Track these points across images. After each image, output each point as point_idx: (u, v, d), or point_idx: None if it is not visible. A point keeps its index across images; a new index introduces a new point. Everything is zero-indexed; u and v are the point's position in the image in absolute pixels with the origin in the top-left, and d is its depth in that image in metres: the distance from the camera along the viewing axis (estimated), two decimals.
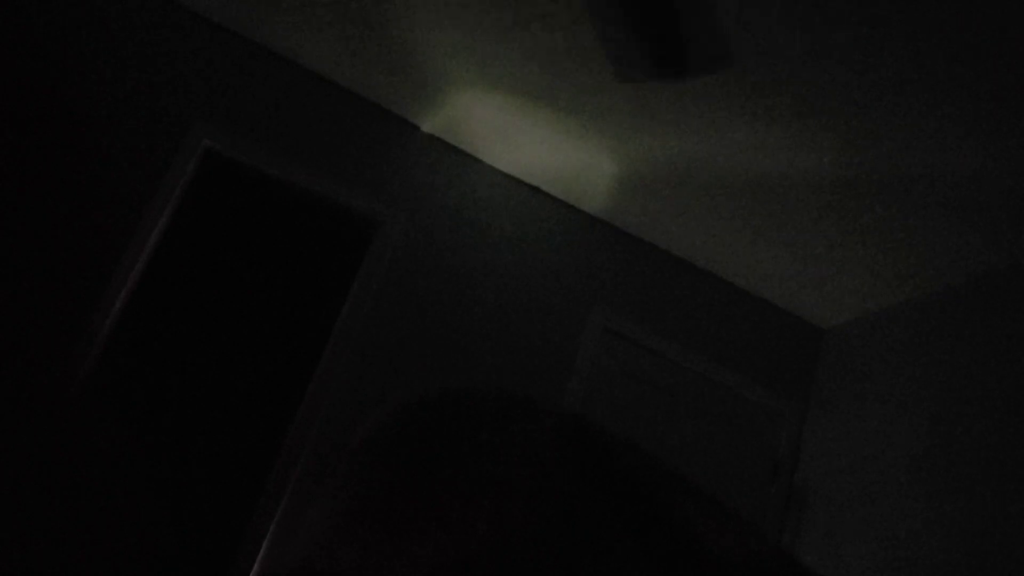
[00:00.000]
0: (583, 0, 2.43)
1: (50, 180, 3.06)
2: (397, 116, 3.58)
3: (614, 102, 2.96)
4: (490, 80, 3.11)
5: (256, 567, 2.98)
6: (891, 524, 2.94)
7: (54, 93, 3.14)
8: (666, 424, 3.61)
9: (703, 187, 3.26)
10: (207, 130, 3.29)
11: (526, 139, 3.40)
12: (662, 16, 2.11)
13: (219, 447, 4.62)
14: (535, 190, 3.71)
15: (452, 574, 0.24)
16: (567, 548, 0.24)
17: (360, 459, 0.31)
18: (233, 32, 3.43)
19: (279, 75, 3.46)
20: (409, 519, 0.26)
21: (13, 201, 3.01)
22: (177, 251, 4.75)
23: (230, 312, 4.81)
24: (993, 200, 2.70)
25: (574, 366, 3.55)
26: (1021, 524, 2.45)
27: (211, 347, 4.72)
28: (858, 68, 2.40)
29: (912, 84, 2.39)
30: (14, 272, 2.97)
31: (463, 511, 0.26)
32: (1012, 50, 2.16)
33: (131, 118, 3.22)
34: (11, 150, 3.03)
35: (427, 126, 3.59)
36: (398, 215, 3.47)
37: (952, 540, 2.66)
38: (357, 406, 3.24)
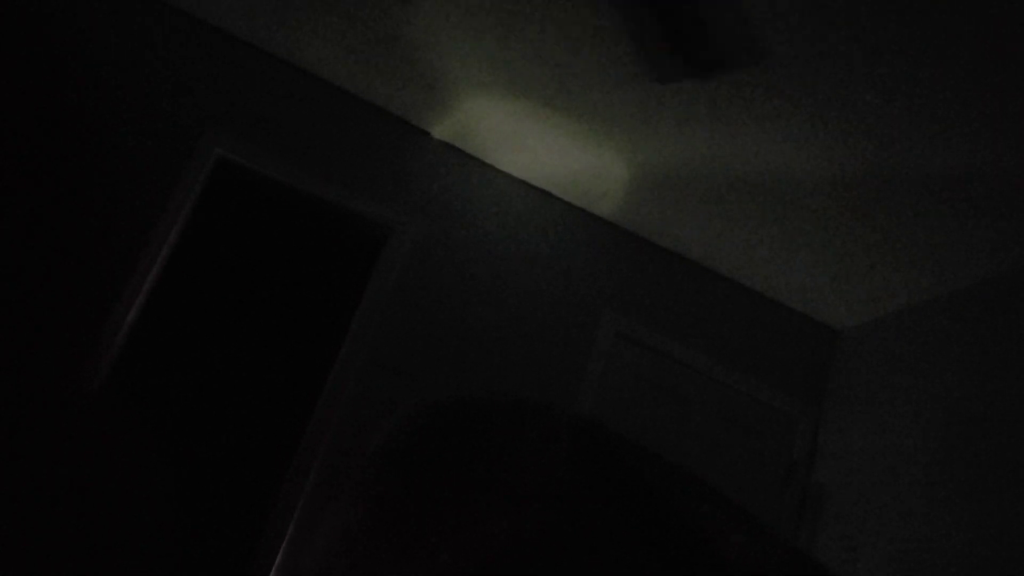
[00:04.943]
0: (616, 14, 2.45)
1: (64, 188, 3.09)
2: (408, 123, 3.59)
3: (625, 105, 2.96)
4: (500, 85, 3.11)
5: (272, 575, 2.98)
6: (907, 527, 2.91)
7: (67, 101, 3.17)
8: (679, 428, 3.59)
9: (715, 190, 3.25)
10: (219, 138, 3.32)
11: (537, 144, 3.40)
12: (688, 18, 2.15)
13: (233, 453, 4.64)
14: (546, 194, 3.71)
15: None
16: (581, 552, 0.25)
17: (375, 466, 0.31)
18: (244, 41, 3.46)
19: (290, 83, 3.48)
20: (425, 525, 0.26)
21: (28, 209, 3.04)
22: (190, 258, 4.78)
23: (243, 318, 4.83)
24: (1011, 200, 2.68)
25: (586, 371, 3.55)
26: None
27: (224, 353, 4.75)
28: (871, 69, 2.39)
29: (928, 84, 2.37)
30: (29, 279, 3.00)
31: (479, 517, 0.26)
32: None
33: (144, 126, 3.25)
34: (25, 158, 3.06)
35: (438, 132, 3.59)
36: (410, 221, 3.48)
37: (968, 543, 2.63)
38: (370, 412, 3.24)
